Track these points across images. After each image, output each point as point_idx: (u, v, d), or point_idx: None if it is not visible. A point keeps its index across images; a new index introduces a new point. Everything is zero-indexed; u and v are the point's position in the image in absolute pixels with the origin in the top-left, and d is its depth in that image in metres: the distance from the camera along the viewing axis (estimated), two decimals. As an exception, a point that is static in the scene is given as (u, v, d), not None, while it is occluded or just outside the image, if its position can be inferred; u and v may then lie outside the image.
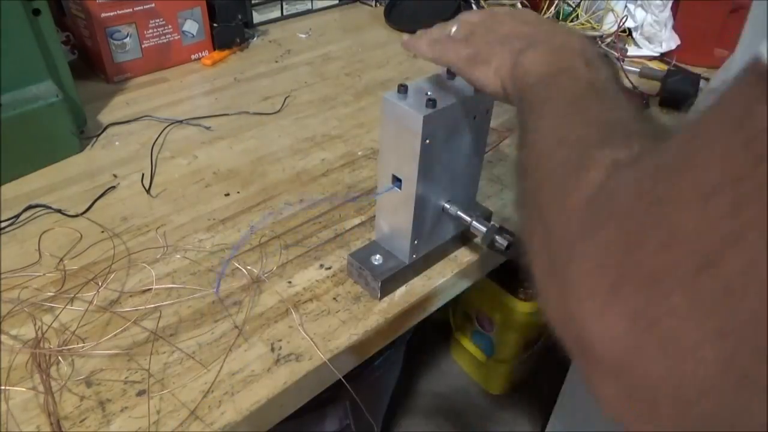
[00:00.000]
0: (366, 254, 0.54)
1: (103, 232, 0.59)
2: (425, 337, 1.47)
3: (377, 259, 0.53)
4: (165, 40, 0.90)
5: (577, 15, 1.08)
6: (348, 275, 0.55)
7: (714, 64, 0.97)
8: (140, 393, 0.44)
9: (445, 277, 0.56)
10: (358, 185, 0.68)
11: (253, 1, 1.06)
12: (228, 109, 0.82)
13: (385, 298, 0.53)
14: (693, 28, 1.01)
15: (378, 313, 0.52)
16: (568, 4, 1.09)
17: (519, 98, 0.39)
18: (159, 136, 0.75)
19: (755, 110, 0.18)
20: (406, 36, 0.49)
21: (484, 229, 0.52)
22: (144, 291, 0.52)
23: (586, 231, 0.24)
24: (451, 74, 0.49)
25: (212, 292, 0.52)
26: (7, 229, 0.59)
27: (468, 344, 1.39)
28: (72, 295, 0.51)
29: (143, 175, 0.67)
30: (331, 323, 0.51)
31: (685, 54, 1.01)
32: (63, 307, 0.50)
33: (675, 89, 0.88)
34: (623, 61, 1.00)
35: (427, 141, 0.45)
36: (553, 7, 1.08)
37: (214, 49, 0.96)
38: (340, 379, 0.49)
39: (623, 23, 1.03)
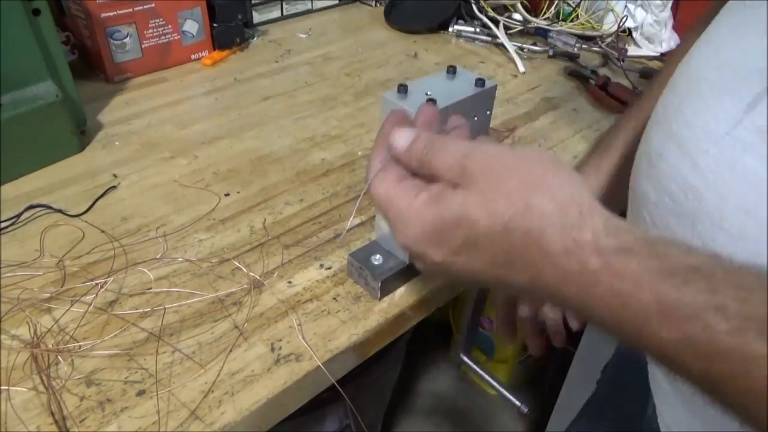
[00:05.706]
0: (366, 254, 0.54)
1: (103, 232, 0.59)
2: (425, 337, 1.47)
3: (377, 259, 0.53)
4: (165, 40, 0.90)
5: (577, 15, 1.08)
6: (348, 275, 0.55)
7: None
8: (140, 393, 0.44)
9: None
10: (358, 185, 0.68)
11: (253, 1, 1.06)
12: (228, 109, 0.82)
13: (385, 298, 0.53)
14: (693, 28, 1.01)
15: (378, 313, 0.52)
16: (568, 4, 1.09)
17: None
18: (158, 136, 0.75)
19: None
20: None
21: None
22: (144, 291, 0.52)
23: None
24: (451, 74, 0.49)
25: (212, 292, 0.52)
26: (7, 229, 0.59)
27: (468, 344, 1.39)
28: (72, 295, 0.51)
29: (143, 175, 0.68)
30: (331, 323, 0.51)
31: (685, 54, 1.01)
32: (67, 308, 0.50)
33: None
34: (623, 61, 1.00)
35: (427, 141, 0.45)
36: (553, 7, 1.09)
37: (214, 49, 0.96)
38: (340, 379, 0.49)
39: (623, 23, 1.03)
